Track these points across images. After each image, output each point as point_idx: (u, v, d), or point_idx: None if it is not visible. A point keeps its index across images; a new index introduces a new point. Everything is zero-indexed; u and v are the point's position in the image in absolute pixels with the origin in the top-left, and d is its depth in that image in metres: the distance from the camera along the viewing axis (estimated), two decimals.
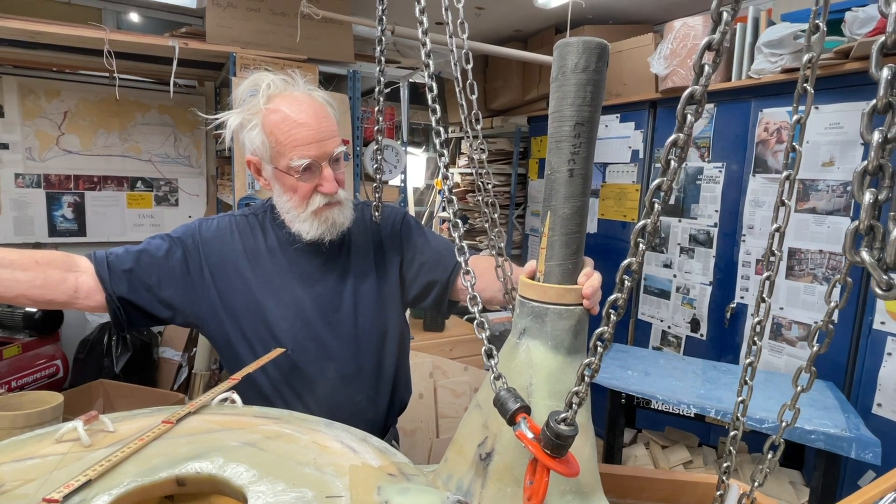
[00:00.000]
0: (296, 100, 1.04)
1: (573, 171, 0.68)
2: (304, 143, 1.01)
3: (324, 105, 1.07)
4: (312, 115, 1.03)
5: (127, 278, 1.03)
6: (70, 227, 3.20)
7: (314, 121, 1.03)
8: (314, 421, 0.76)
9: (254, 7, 2.44)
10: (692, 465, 1.90)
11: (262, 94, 1.05)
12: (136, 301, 1.04)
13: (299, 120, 1.02)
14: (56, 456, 0.61)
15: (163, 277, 1.06)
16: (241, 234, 1.13)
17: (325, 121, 1.04)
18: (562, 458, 0.59)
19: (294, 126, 1.02)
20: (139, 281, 1.04)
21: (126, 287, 1.02)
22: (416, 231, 1.23)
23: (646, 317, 2.83)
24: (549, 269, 0.71)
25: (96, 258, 1.03)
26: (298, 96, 1.05)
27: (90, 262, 1.02)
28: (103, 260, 1.03)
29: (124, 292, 1.02)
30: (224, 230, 1.13)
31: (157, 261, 1.06)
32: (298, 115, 1.02)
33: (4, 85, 2.97)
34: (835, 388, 1.85)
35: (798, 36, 2.03)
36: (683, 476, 1.01)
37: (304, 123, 1.02)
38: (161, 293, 1.05)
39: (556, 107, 0.68)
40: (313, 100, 1.06)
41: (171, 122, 3.39)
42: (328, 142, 1.03)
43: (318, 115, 1.04)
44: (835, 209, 1.99)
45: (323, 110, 1.06)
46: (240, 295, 1.09)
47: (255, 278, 1.10)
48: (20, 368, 2.58)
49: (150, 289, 1.05)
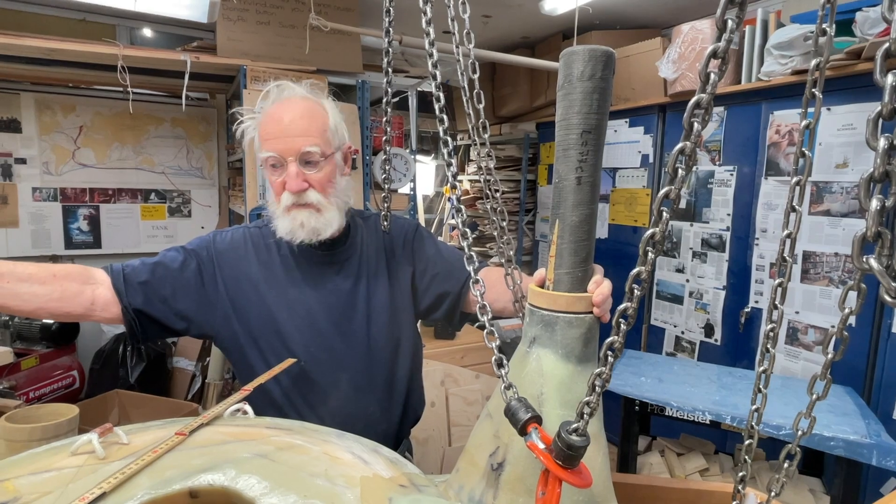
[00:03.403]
0: (285, 100, 1.07)
1: (581, 178, 0.68)
2: (271, 136, 1.03)
3: (314, 106, 1.07)
4: (290, 112, 1.04)
5: (143, 290, 1.04)
6: (86, 240, 3.25)
7: (288, 117, 1.03)
8: (325, 432, 0.77)
9: (263, 20, 2.48)
10: (709, 473, 1.87)
11: (271, 95, 1.08)
12: (152, 313, 1.05)
13: (276, 115, 1.04)
14: (72, 468, 0.62)
15: (178, 289, 1.07)
16: (254, 245, 1.14)
17: (301, 119, 1.04)
18: (574, 469, 0.58)
19: (269, 121, 1.04)
20: (154, 293, 1.05)
21: (142, 299, 1.03)
22: (429, 242, 1.23)
23: (658, 322, 2.81)
24: (558, 277, 0.71)
25: (113, 270, 1.04)
26: (290, 97, 1.07)
27: (107, 275, 1.03)
28: (119, 272, 1.04)
29: (140, 304, 1.03)
30: (238, 242, 1.14)
31: (172, 273, 1.07)
32: (276, 111, 1.04)
33: (22, 101, 3.04)
34: (854, 393, 1.82)
35: (808, 37, 2.01)
36: (698, 485, 0.99)
37: (278, 119, 1.03)
38: (176, 305, 1.06)
39: (562, 115, 0.68)
40: (301, 100, 1.07)
41: (183, 134, 3.44)
42: (297, 139, 1.02)
43: (297, 113, 1.04)
44: (850, 211, 1.97)
45: (307, 111, 1.05)
46: (253, 306, 1.10)
47: (268, 289, 1.11)
48: (38, 379, 2.62)
49: (165, 300, 1.06)
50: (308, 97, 1.08)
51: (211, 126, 3.49)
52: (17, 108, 3.03)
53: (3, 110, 3.00)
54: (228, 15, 2.40)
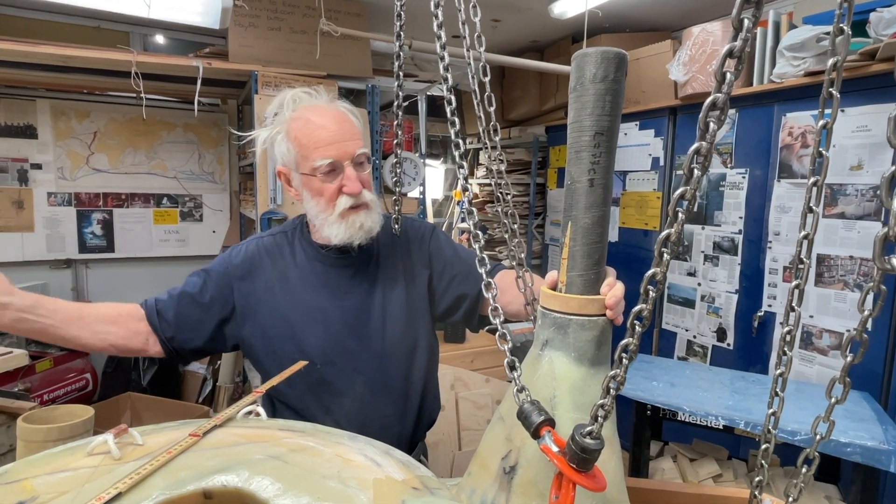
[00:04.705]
0: (318, 107, 1.09)
1: (593, 181, 0.67)
2: (325, 143, 1.04)
3: (345, 112, 1.11)
4: (333, 118, 1.07)
5: (174, 323, 1.10)
6: (99, 244, 3.29)
7: (334, 123, 1.06)
8: (337, 434, 0.77)
9: (275, 26, 2.50)
10: (722, 479, 1.84)
11: (287, 107, 1.09)
12: (186, 343, 1.11)
13: (320, 123, 1.06)
14: (88, 469, 0.62)
15: (203, 313, 1.12)
16: (269, 255, 1.16)
17: (345, 124, 1.08)
18: (588, 472, 0.58)
19: (315, 129, 1.05)
20: (184, 323, 1.10)
21: (173, 330, 1.10)
22: (446, 245, 1.23)
23: (670, 326, 2.78)
24: (570, 279, 0.70)
25: (147, 307, 1.10)
26: (320, 104, 1.10)
27: (143, 311, 1.10)
28: (153, 309, 1.10)
29: (174, 336, 1.10)
30: (251, 254, 1.17)
31: (194, 298, 1.12)
32: (319, 118, 1.06)
33: (38, 107, 3.09)
34: (871, 398, 1.79)
35: (821, 39, 1.99)
36: (713, 490, 0.98)
37: (325, 126, 1.05)
38: (203, 329, 1.12)
39: (575, 117, 0.68)
40: (334, 106, 1.10)
41: (195, 139, 3.47)
42: (349, 143, 1.06)
43: (339, 118, 1.08)
44: (865, 214, 1.94)
45: (344, 116, 1.09)
46: (269, 314, 1.12)
47: (283, 296, 1.13)
48: (52, 382, 2.65)
49: (194, 327, 1.11)
50: (335, 103, 1.12)
51: (222, 131, 3.52)
52: (33, 115, 3.08)
53: (19, 116, 3.06)
54: (240, 21, 2.43)
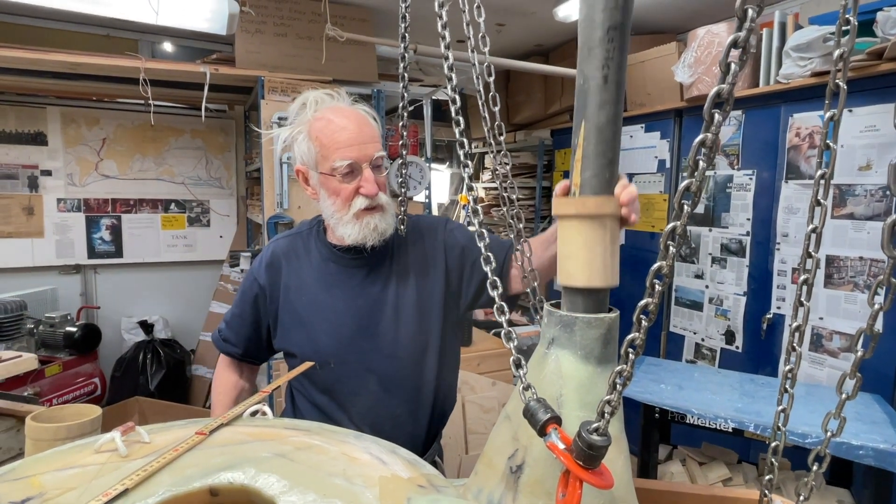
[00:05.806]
0: (340, 109, 1.11)
1: (607, 76, 0.64)
2: (345, 144, 1.06)
3: (366, 116, 1.13)
4: (354, 120, 1.09)
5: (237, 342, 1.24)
6: (108, 249, 3.32)
7: (355, 125, 1.08)
8: (343, 433, 0.77)
9: (281, 32, 2.52)
10: (732, 483, 1.82)
11: (310, 108, 1.11)
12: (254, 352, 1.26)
13: (342, 124, 1.08)
14: (95, 465, 0.63)
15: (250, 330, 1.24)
16: (285, 256, 1.20)
17: (366, 126, 1.10)
18: (595, 469, 0.57)
19: (337, 130, 1.07)
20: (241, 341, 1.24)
21: (242, 350, 1.25)
22: (460, 233, 1.23)
23: (678, 329, 2.76)
24: (584, 180, 0.68)
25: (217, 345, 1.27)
26: (342, 106, 1.12)
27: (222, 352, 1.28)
28: (220, 340, 1.27)
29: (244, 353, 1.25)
30: (270, 260, 1.21)
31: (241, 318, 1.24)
32: (341, 120, 1.08)
33: (48, 115, 3.13)
34: (883, 401, 1.76)
35: (827, 39, 1.98)
36: (723, 491, 0.97)
37: (346, 127, 1.08)
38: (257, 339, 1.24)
39: (586, 13, 0.65)
40: (355, 109, 1.13)
41: (202, 145, 3.50)
42: (369, 145, 1.09)
43: (360, 121, 1.10)
44: (874, 214, 1.92)
45: (364, 119, 1.12)
46: (288, 314, 1.17)
47: (298, 296, 1.16)
48: (61, 386, 2.66)
49: (250, 338, 1.24)
50: (356, 106, 1.15)
51: (230, 137, 3.55)
52: (43, 122, 3.12)
53: (30, 124, 3.10)
54: (247, 27, 2.45)
